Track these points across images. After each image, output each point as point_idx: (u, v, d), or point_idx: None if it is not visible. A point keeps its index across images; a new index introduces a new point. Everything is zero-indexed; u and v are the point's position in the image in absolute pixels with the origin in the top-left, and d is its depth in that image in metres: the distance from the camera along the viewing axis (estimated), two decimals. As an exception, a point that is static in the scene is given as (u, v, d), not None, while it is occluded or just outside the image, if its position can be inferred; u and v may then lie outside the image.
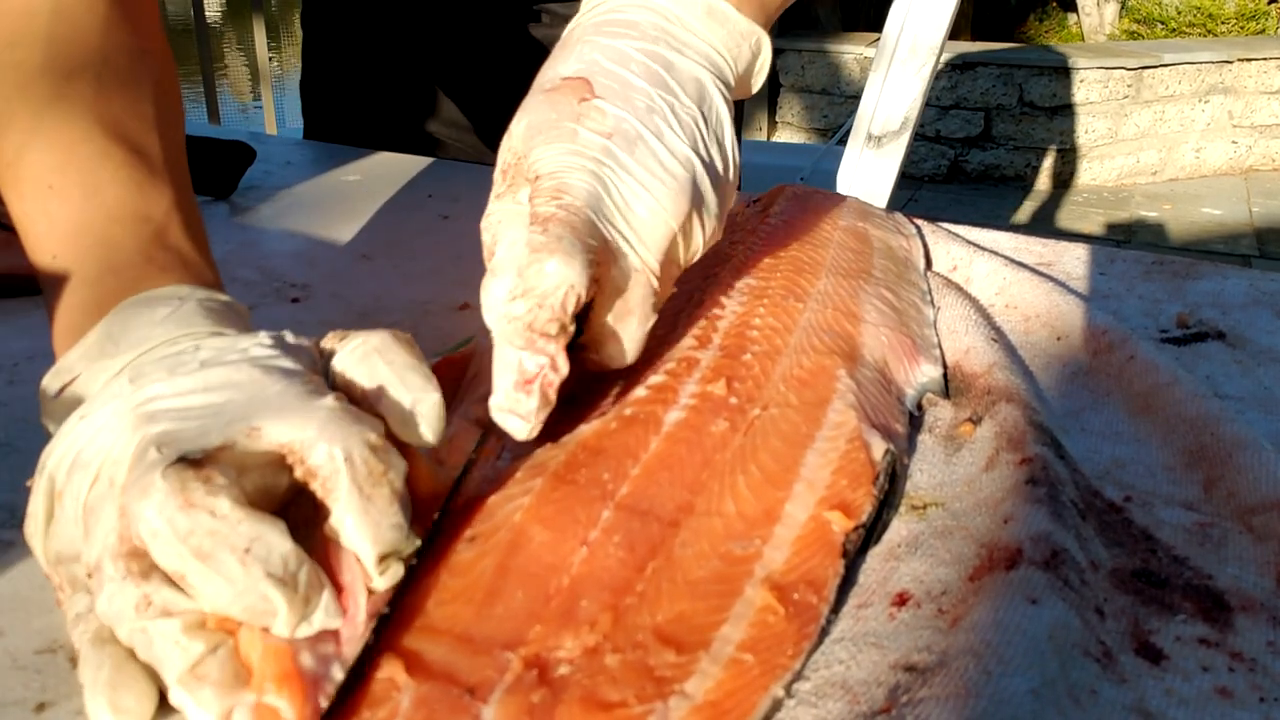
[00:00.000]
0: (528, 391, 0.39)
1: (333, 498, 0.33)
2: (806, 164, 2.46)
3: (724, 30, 0.46)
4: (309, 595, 0.31)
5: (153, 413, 0.34)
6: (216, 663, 0.30)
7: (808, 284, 0.55)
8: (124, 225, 0.42)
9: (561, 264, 0.38)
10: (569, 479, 0.39)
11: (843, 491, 0.40)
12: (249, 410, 0.34)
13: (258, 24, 2.64)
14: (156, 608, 0.31)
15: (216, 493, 0.31)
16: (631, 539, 0.37)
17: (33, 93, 0.45)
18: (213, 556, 0.30)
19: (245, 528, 0.31)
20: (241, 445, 0.33)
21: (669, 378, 0.46)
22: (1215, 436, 0.45)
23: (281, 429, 0.33)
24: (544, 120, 0.43)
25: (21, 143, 0.44)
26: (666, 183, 0.42)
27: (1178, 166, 4.35)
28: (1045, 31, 5.60)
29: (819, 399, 0.45)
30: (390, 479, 0.33)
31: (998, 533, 0.39)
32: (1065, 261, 0.69)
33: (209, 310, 0.39)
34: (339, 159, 0.96)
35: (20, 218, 0.44)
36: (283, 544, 0.31)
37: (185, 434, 0.33)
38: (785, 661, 0.33)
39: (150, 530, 0.31)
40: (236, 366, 0.35)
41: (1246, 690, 0.33)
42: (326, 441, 0.33)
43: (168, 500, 0.30)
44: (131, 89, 0.46)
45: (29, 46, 0.46)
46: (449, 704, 0.31)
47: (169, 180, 0.45)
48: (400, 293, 0.66)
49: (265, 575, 0.30)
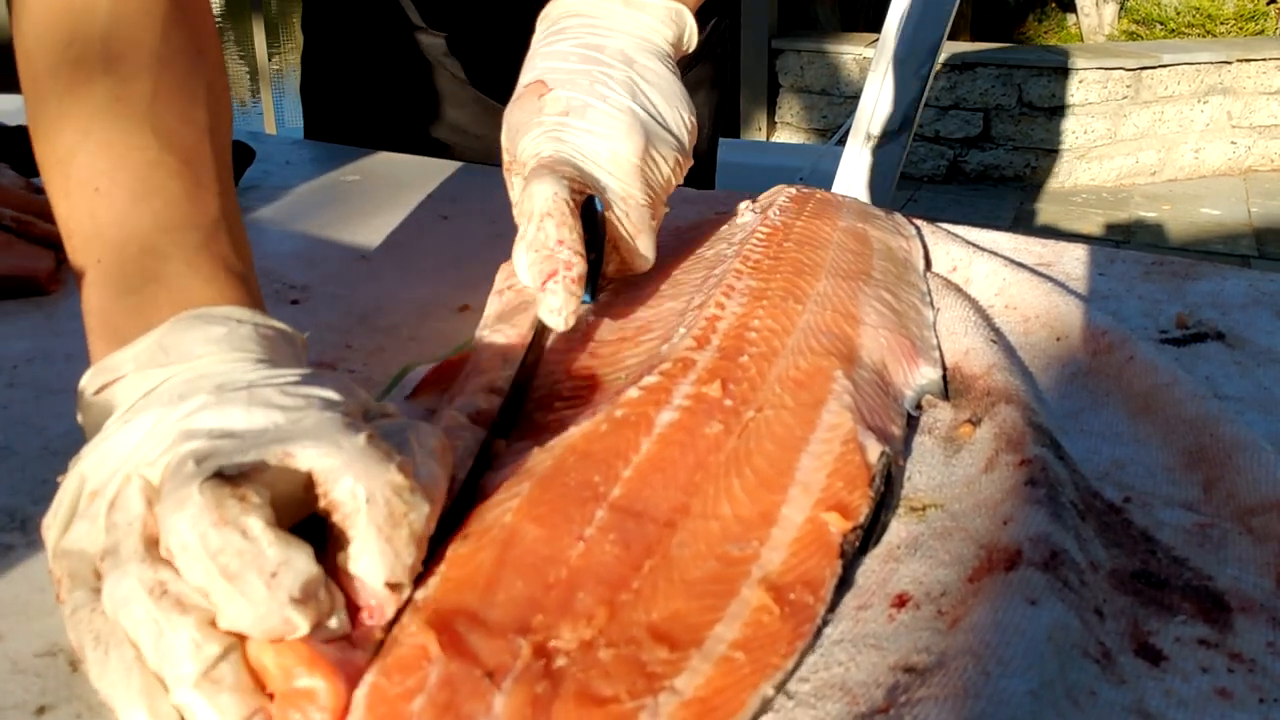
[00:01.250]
0: (554, 291, 0.48)
1: (352, 533, 0.33)
2: (805, 164, 2.46)
3: (644, 14, 0.57)
4: (324, 617, 0.32)
5: (194, 429, 0.34)
6: (230, 668, 0.31)
7: (807, 285, 0.55)
8: (170, 234, 0.43)
9: (540, 184, 0.49)
10: (559, 481, 0.39)
11: (839, 493, 0.40)
12: (286, 434, 0.34)
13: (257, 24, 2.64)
14: (171, 597, 0.31)
15: (250, 511, 0.31)
16: (627, 538, 0.37)
17: (87, 93, 0.45)
18: (240, 577, 0.30)
19: (274, 551, 0.31)
20: (275, 466, 0.33)
21: (664, 378, 0.46)
22: (1215, 437, 0.45)
23: (312, 456, 0.33)
24: (517, 121, 0.55)
25: (74, 143, 0.44)
26: (616, 129, 0.53)
27: (1177, 167, 4.35)
28: (1044, 32, 5.60)
29: (814, 400, 0.45)
30: (411, 520, 0.34)
31: (997, 534, 0.39)
32: (1065, 262, 0.69)
33: (263, 336, 0.40)
34: (339, 159, 0.96)
35: (65, 217, 0.44)
36: (309, 569, 0.31)
37: (222, 450, 0.33)
38: (777, 661, 0.33)
39: (181, 543, 0.31)
40: (280, 391, 0.36)
41: (1246, 691, 0.33)
42: (352, 477, 0.33)
43: (202, 515, 0.31)
44: (186, 94, 0.47)
45: (86, 45, 0.46)
46: (470, 686, 0.31)
47: (217, 190, 0.45)
48: (400, 294, 0.66)
49: (289, 600, 0.31)
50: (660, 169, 0.54)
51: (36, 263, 0.65)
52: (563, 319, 0.48)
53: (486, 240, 0.76)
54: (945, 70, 4.19)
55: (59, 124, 0.45)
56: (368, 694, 0.31)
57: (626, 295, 0.58)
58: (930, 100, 4.22)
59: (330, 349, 0.58)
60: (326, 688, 0.30)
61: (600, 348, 0.52)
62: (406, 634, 0.32)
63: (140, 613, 0.31)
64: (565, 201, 0.48)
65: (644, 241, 0.55)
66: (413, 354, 0.57)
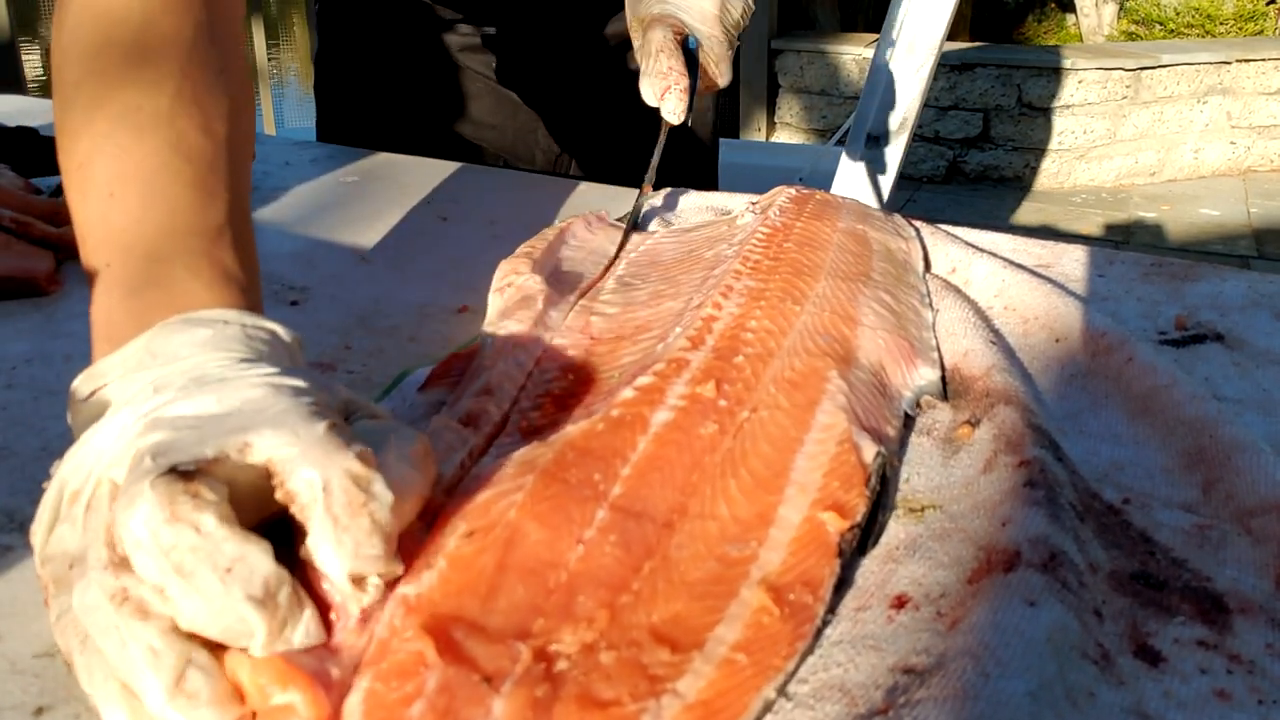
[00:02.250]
0: (669, 99, 0.69)
1: (309, 524, 0.33)
2: (805, 165, 2.46)
3: None
4: (287, 617, 0.31)
5: (158, 420, 0.34)
6: (203, 678, 0.30)
7: (806, 286, 0.55)
8: (174, 239, 0.43)
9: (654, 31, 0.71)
10: (560, 477, 0.39)
11: (835, 493, 0.40)
12: (248, 422, 0.34)
13: (256, 25, 2.64)
14: (133, 603, 0.31)
15: (203, 508, 0.31)
16: (627, 539, 0.37)
17: (111, 100, 0.45)
18: (194, 574, 0.30)
19: (229, 547, 0.30)
20: (234, 459, 0.33)
21: (657, 379, 0.46)
22: (1214, 439, 0.45)
23: (270, 445, 0.33)
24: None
25: (93, 148, 0.44)
26: None
27: (1176, 167, 4.35)
28: (1044, 32, 5.60)
29: (808, 401, 0.45)
30: (371, 510, 0.33)
31: (996, 535, 0.39)
32: (1064, 263, 0.69)
33: (250, 337, 0.40)
34: (338, 160, 0.96)
35: (80, 221, 0.44)
36: (265, 565, 0.31)
37: (182, 443, 0.33)
38: (779, 663, 0.33)
39: (134, 540, 0.31)
40: (250, 383, 0.36)
41: (1245, 692, 0.33)
42: (307, 466, 0.33)
43: (154, 511, 0.30)
44: (205, 106, 0.47)
45: (115, 54, 0.47)
46: (468, 691, 0.31)
47: (226, 198, 0.46)
48: (399, 295, 0.66)
49: (245, 597, 0.30)
50: (732, 14, 0.73)
51: (35, 264, 0.65)
52: (678, 117, 0.69)
53: (486, 241, 0.76)
54: (945, 70, 4.19)
55: (82, 130, 0.45)
56: (364, 700, 0.31)
57: (626, 295, 0.58)
58: (930, 100, 4.22)
59: (329, 350, 0.58)
60: (304, 700, 0.30)
61: (598, 346, 0.52)
62: (402, 639, 0.32)
63: (103, 621, 0.31)
64: (671, 41, 0.70)
65: (724, 67, 0.74)
66: (412, 355, 0.57)
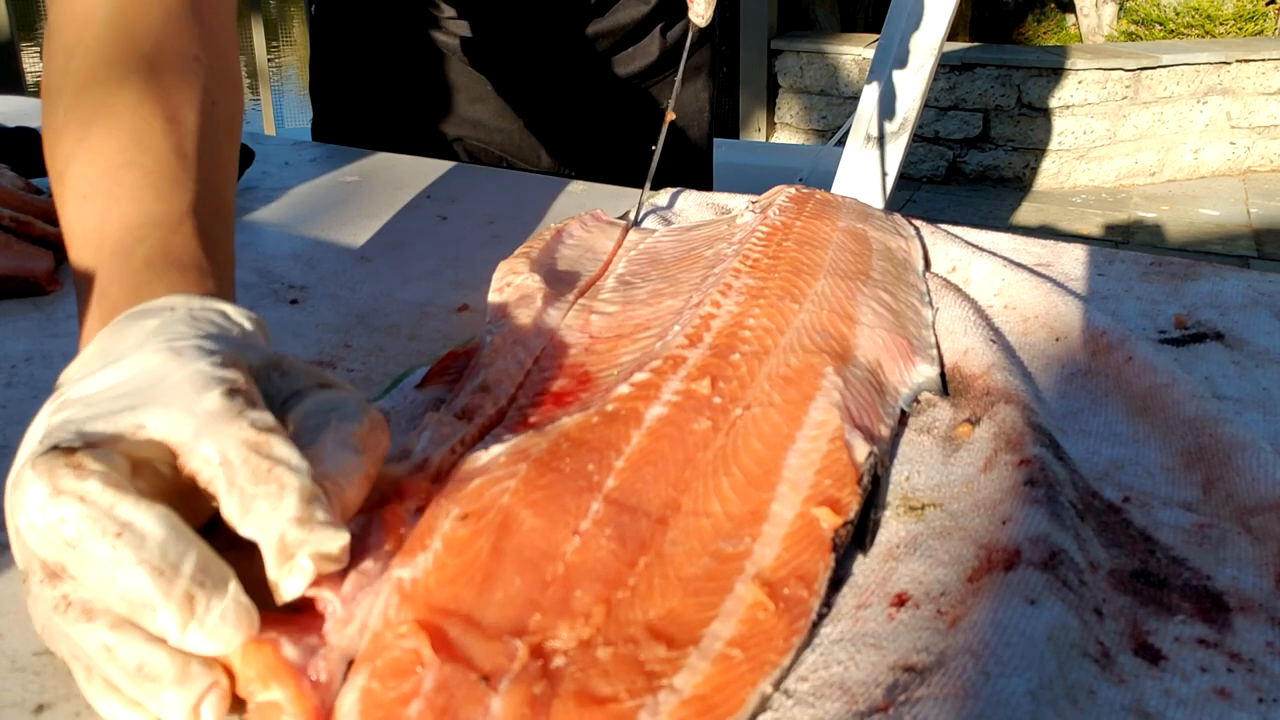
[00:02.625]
0: None
1: (218, 500, 0.31)
2: (805, 165, 2.46)
3: None
4: (194, 591, 0.29)
5: (63, 403, 0.33)
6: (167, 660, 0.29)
7: (805, 285, 0.55)
8: (134, 233, 0.42)
9: None
10: (554, 466, 0.39)
11: (827, 490, 0.41)
12: (140, 400, 0.32)
13: (256, 24, 2.64)
14: (75, 608, 0.30)
15: (86, 477, 0.29)
16: (623, 533, 0.37)
17: (83, 102, 0.45)
18: (81, 543, 0.29)
19: (120, 511, 0.29)
20: (130, 439, 0.32)
21: (654, 375, 0.46)
22: (1214, 437, 0.45)
23: (161, 427, 0.32)
24: None
25: (69, 152, 0.44)
26: None
27: (1176, 167, 4.35)
28: (1043, 32, 5.60)
29: (802, 397, 0.45)
30: (278, 475, 0.31)
31: (996, 534, 0.39)
32: (1064, 262, 0.69)
33: (196, 319, 0.38)
34: (337, 160, 0.96)
35: (64, 229, 0.44)
36: (157, 530, 0.29)
37: (73, 420, 0.32)
38: (774, 658, 0.33)
39: (26, 524, 0.30)
40: (153, 351, 0.34)
41: (1245, 691, 0.33)
42: (203, 442, 0.31)
43: (36, 489, 0.29)
44: (174, 94, 0.46)
45: (85, 55, 0.46)
46: (466, 690, 0.31)
47: (191, 187, 0.45)
48: (398, 294, 0.66)
49: (138, 562, 0.29)
50: None
51: (35, 263, 0.65)
52: (705, 20, 0.76)
53: (485, 240, 0.76)
54: (945, 70, 4.19)
55: (61, 134, 0.45)
56: (360, 699, 0.30)
57: (626, 293, 0.58)
58: (930, 101, 4.22)
59: (329, 349, 0.58)
60: (289, 697, 0.30)
61: (598, 344, 0.52)
62: (397, 634, 0.32)
63: (55, 631, 0.30)
64: None
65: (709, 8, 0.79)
66: (412, 353, 0.57)
